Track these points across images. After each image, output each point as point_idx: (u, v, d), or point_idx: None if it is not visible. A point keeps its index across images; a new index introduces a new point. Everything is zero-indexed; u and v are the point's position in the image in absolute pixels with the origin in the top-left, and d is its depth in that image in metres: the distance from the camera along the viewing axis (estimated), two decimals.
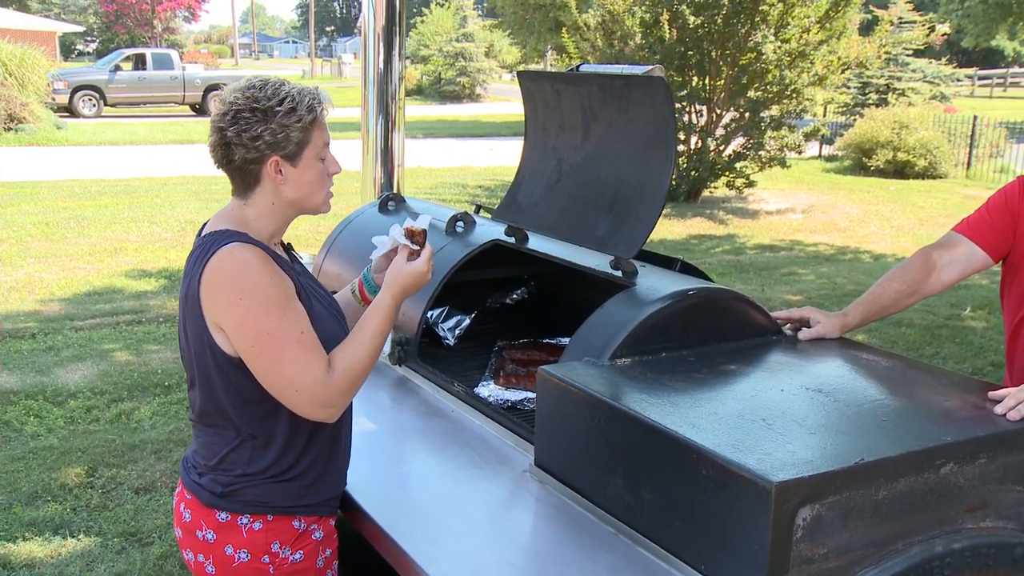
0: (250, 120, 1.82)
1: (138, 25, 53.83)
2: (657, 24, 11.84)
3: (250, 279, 1.78)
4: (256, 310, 1.78)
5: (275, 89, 1.85)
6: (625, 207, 2.61)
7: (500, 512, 2.15)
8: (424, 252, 1.99)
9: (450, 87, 36.06)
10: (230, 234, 1.85)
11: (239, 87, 1.86)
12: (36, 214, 10.84)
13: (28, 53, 21.15)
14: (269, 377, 1.82)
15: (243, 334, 1.79)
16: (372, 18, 3.70)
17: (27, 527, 3.81)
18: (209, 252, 1.82)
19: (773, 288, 8.45)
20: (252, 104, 1.83)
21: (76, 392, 5.36)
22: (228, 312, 1.79)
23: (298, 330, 1.81)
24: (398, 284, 1.95)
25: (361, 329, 1.91)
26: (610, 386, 2.04)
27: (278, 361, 1.79)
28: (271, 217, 1.93)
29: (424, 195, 12.26)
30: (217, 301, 1.80)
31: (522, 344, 3.11)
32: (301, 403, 1.83)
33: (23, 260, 8.60)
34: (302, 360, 1.80)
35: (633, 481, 1.91)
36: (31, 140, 18.12)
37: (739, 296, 2.41)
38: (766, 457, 1.66)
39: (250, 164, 1.86)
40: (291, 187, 1.90)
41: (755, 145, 12.71)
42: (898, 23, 20.42)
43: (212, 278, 1.80)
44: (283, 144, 1.85)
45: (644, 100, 2.55)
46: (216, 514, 1.92)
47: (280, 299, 1.80)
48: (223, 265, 1.80)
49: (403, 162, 3.91)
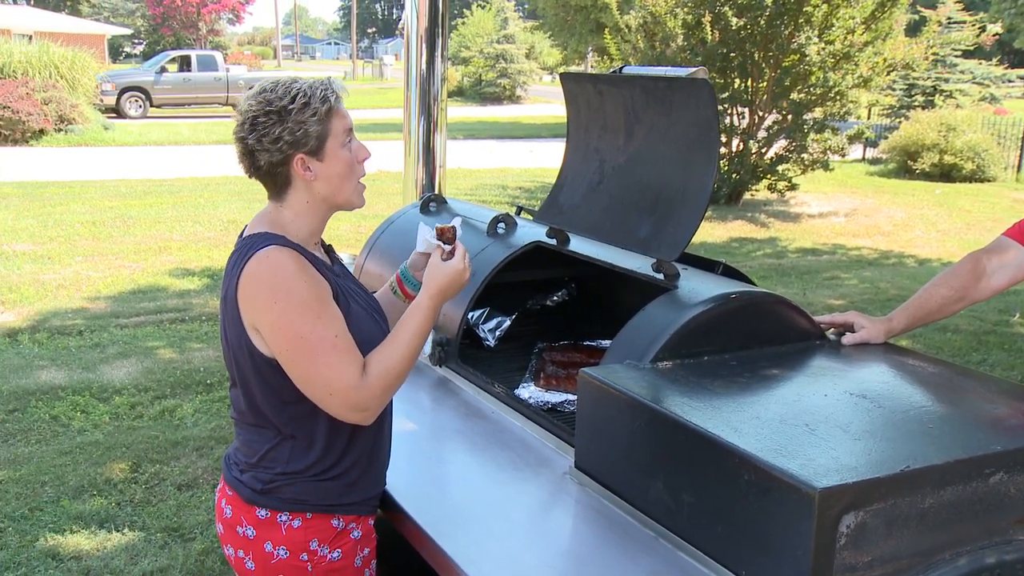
0: (267, 123, 1.83)
1: (184, 27, 54.68)
2: (699, 26, 11.77)
3: (286, 282, 1.80)
4: (291, 313, 1.79)
5: (286, 88, 1.85)
6: (667, 209, 2.60)
7: (540, 514, 2.15)
8: (458, 251, 1.98)
9: (491, 88, 36.15)
10: (267, 236, 1.87)
11: (252, 93, 1.87)
12: (84, 213, 11.05)
13: (78, 56, 21.59)
14: (304, 380, 1.83)
15: (278, 337, 1.81)
16: (415, 20, 3.72)
17: (74, 520, 3.88)
18: (246, 255, 1.84)
19: (815, 292, 8.36)
20: (266, 107, 1.83)
21: (121, 389, 5.45)
22: (264, 315, 1.81)
23: (333, 333, 1.82)
24: (435, 284, 1.94)
25: (398, 331, 1.91)
26: (652, 389, 2.03)
27: (313, 364, 1.80)
28: (308, 216, 1.94)
29: (464, 196, 12.30)
30: (253, 304, 1.82)
31: (562, 346, 3.11)
32: (336, 406, 1.84)
33: (71, 258, 8.76)
34: (337, 363, 1.81)
35: (674, 484, 1.90)
36: (80, 140, 18.47)
37: (782, 300, 2.39)
38: (809, 463, 1.64)
39: (277, 167, 1.87)
40: (322, 182, 1.90)
41: (797, 148, 12.59)
42: (946, 23, 20.10)
43: (248, 281, 1.82)
44: (304, 140, 1.85)
45: (687, 102, 2.54)
46: (256, 511, 1.94)
47: (315, 302, 1.81)
48: (259, 268, 1.81)
49: (444, 163, 3.92)
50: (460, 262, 1.96)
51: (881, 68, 12.14)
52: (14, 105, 17.61)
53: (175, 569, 3.57)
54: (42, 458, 4.49)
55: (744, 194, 13.12)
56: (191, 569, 3.58)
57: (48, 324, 6.70)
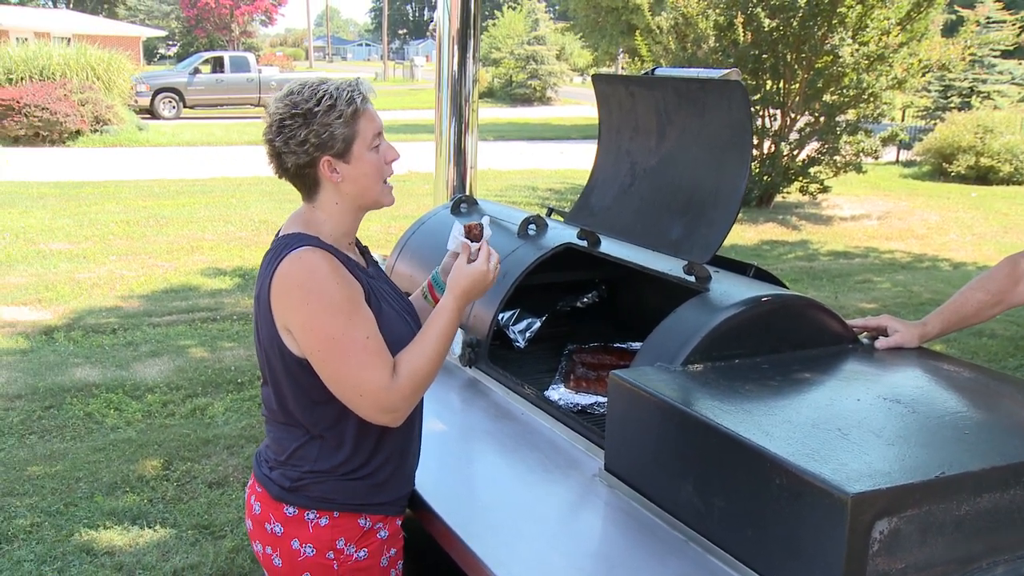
0: (293, 126, 1.84)
1: (217, 29, 55.25)
2: (731, 27, 11.71)
3: (317, 283, 1.81)
4: (322, 314, 1.80)
5: (313, 90, 1.86)
6: (699, 212, 2.59)
7: (569, 516, 2.15)
8: (482, 252, 1.98)
9: (521, 90, 36.16)
10: (301, 237, 1.88)
11: (279, 96, 1.88)
12: (118, 213, 11.18)
13: (114, 58, 21.88)
14: (335, 381, 1.84)
15: (309, 338, 1.82)
16: (447, 21, 3.73)
17: (108, 516, 3.93)
18: (279, 255, 1.85)
19: (847, 296, 8.28)
20: (292, 110, 1.84)
21: (153, 387, 5.51)
22: (295, 315, 1.82)
23: (364, 335, 1.82)
24: (459, 286, 1.94)
25: (424, 333, 1.92)
26: (682, 392, 2.02)
27: (343, 366, 1.81)
28: (339, 217, 1.95)
29: (494, 197, 12.31)
30: (285, 304, 1.83)
31: (593, 348, 3.10)
32: (366, 407, 1.85)
33: (106, 257, 8.88)
34: (367, 365, 1.82)
35: (704, 488, 1.90)
36: (114, 141, 18.70)
37: (814, 303, 2.37)
38: (842, 467, 1.63)
39: (304, 169, 1.88)
40: (349, 183, 1.91)
41: (830, 150, 12.48)
42: (985, 23, 19.84)
43: (281, 281, 1.83)
44: (329, 143, 1.86)
45: (720, 104, 2.53)
46: (284, 508, 1.96)
47: (347, 304, 1.82)
48: (292, 269, 1.82)
49: (475, 164, 3.93)
50: (484, 264, 1.96)
51: (916, 69, 12.01)
52: (52, 106, 17.88)
53: (205, 566, 3.60)
54: (77, 454, 4.55)
55: (775, 196, 13.03)
56: (221, 566, 3.61)
57: (83, 322, 6.79)
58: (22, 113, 17.72)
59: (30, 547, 3.68)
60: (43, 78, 19.81)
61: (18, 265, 8.44)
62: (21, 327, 6.64)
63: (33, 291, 7.59)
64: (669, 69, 2.83)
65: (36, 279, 7.97)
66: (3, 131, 17.97)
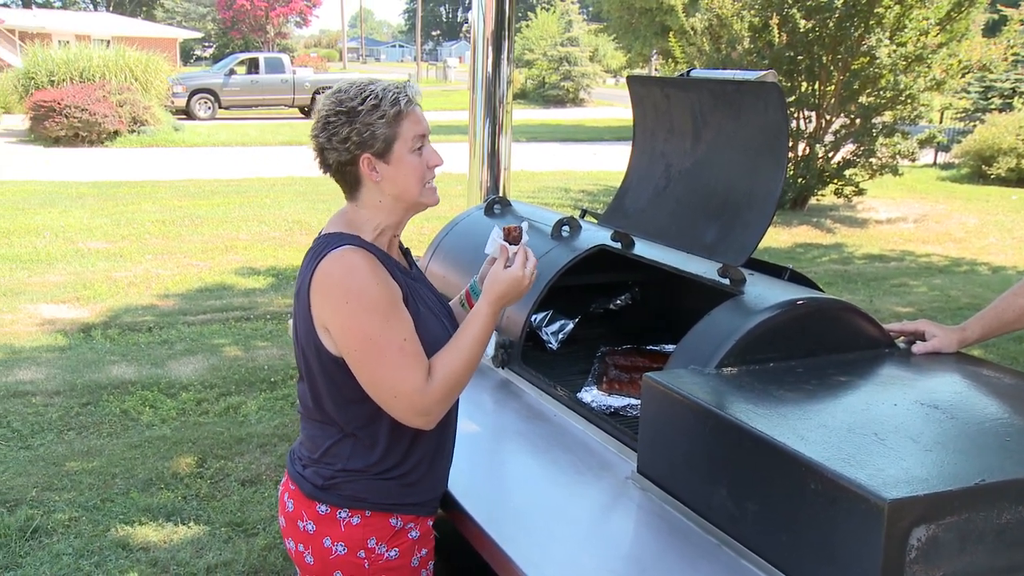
0: (336, 123, 1.86)
1: (252, 30, 55.77)
2: (766, 28, 11.62)
3: (357, 283, 1.82)
4: (360, 314, 1.81)
5: (359, 89, 1.88)
6: (734, 214, 2.57)
7: (601, 518, 2.14)
8: (518, 257, 1.97)
9: (554, 91, 36.14)
10: (343, 237, 1.90)
11: (328, 94, 1.91)
12: (154, 212, 11.32)
13: (152, 59, 22.21)
14: (370, 382, 1.85)
15: (347, 337, 1.83)
16: (481, 23, 3.74)
17: (143, 512, 3.98)
18: (321, 254, 1.87)
19: (882, 299, 8.19)
20: (337, 107, 1.87)
21: (188, 385, 5.57)
22: (334, 314, 1.83)
23: (401, 337, 1.83)
24: (494, 291, 1.94)
25: (459, 337, 1.92)
26: (716, 395, 2.01)
27: (379, 366, 1.82)
28: (381, 216, 1.96)
29: (527, 199, 12.32)
30: (324, 302, 1.84)
31: (625, 350, 3.10)
32: (400, 409, 1.86)
33: (142, 256, 8.99)
34: (403, 367, 1.82)
35: (738, 492, 1.88)
36: (151, 141, 18.94)
37: (850, 307, 2.35)
38: (878, 473, 1.61)
39: (345, 166, 1.90)
40: (389, 183, 1.92)
41: (866, 152, 12.35)
42: None
43: (321, 280, 1.85)
44: (370, 142, 1.87)
45: (756, 106, 2.51)
46: (316, 506, 1.97)
47: (385, 305, 1.83)
48: (332, 268, 1.84)
49: (509, 165, 3.94)
50: (520, 269, 1.95)
51: (956, 70, 11.84)
52: (92, 107, 18.15)
53: (238, 563, 3.63)
54: (113, 451, 4.61)
55: (810, 199, 12.91)
56: (253, 564, 3.64)
57: (119, 320, 6.88)
58: (63, 114, 18.01)
59: (68, 541, 3.74)
60: (83, 80, 20.17)
61: (57, 263, 8.58)
62: (60, 324, 6.74)
63: (72, 289, 7.71)
64: (705, 71, 2.83)
65: (75, 277, 8.09)
66: (44, 132, 18.28)
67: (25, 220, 10.52)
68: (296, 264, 8.75)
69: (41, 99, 18.42)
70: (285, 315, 7.12)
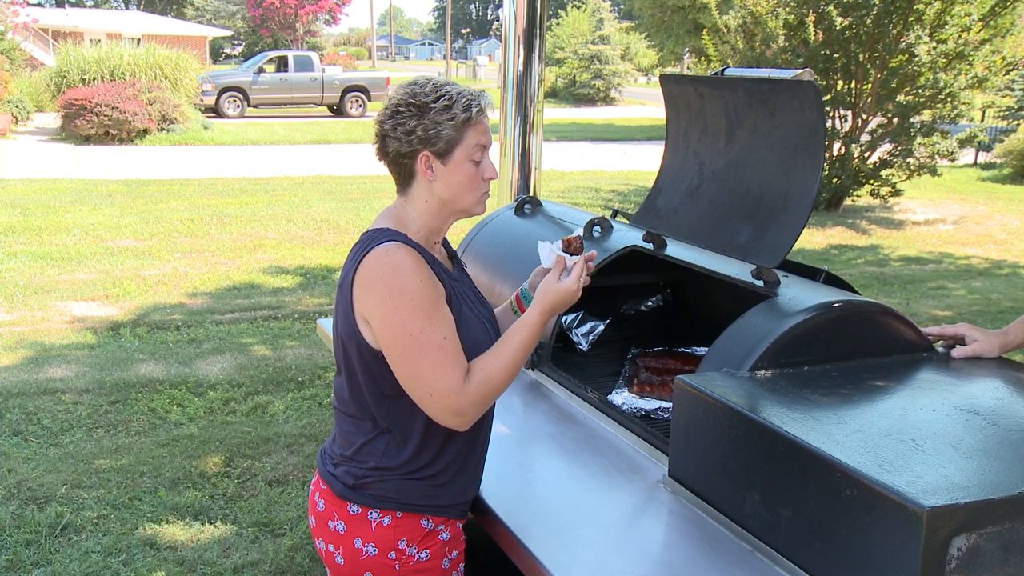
0: (406, 115, 1.89)
1: (281, 28, 56.19)
2: (802, 26, 11.54)
3: (400, 280, 1.84)
4: (402, 310, 1.82)
5: (435, 87, 1.91)
6: (769, 215, 2.56)
7: (632, 522, 2.14)
8: (575, 269, 1.97)
9: (584, 90, 36.10)
10: (389, 233, 1.92)
11: (403, 84, 1.94)
12: (183, 210, 11.44)
13: (182, 57, 22.47)
14: (407, 378, 1.87)
15: (387, 332, 1.85)
16: (512, 20, 3.74)
17: (170, 511, 4.02)
18: (366, 248, 1.89)
19: (919, 303, 8.10)
20: (410, 100, 1.90)
21: (215, 384, 5.62)
22: (376, 309, 1.85)
23: (441, 335, 1.84)
24: (547, 301, 1.94)
25: (504, 343, 1.92)
26: (749, 398, 2.00)
27: (417, 363, 1.84)
28: (427, 215, 1.98)
29: (557, 199, 12.32)
30: (367, 296, 1.86)
31: (657, 352, 3.09)
32: (434, 408, 1.87)
33: (171, 255, 9.08)
34: (441, 365, 1.83)
35: (771, 497, 1.87)
36: (180, 139, 19.15)
37: (887, 310, 2.32)
38: (916, 480, 1.60)
39: (403, 158, 1.93)
40: (441, 184, 1.94)
41: (903, 152, 12.22)
42: None
43: (365, 274, 1.87)
44: (434, 140, 1.90)
45: (792, 105, 2.50)
46: (347, 506, 1.98)
47: (427, 303, 1.84)
48: (377, 262, 1.86)
49: (540, 165, 3.94)
50: (575, 283, 1.95)
51: (999, 67, 11.68)
52: (122, 106, 18.37)
53: (265, 564, 3.66)
54: (141, 449, 4.67)
55: (844, 200, 12.81)
56: (280, 564, 3.67)
57: (148, 319, 6.96)
58: (93, 112, 18.25)
59: (97, 539, 3.79)
60: (114, 78, 20.45)
61: (87, 261, 8.69)
62: (89, 322, 6.83)
63: (101, 287, 7.80)
64: (739, 69, 2.81)
65: (104, 275, 8.19)
66: (75, 130, 18.54)
67: (56, 218, 10.67)
68: (324, 263, 8.82)
69: (72, 97, 18.68)
70: (313, 314, 7.16)
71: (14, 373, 5.73)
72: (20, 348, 6.22)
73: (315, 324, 6.64)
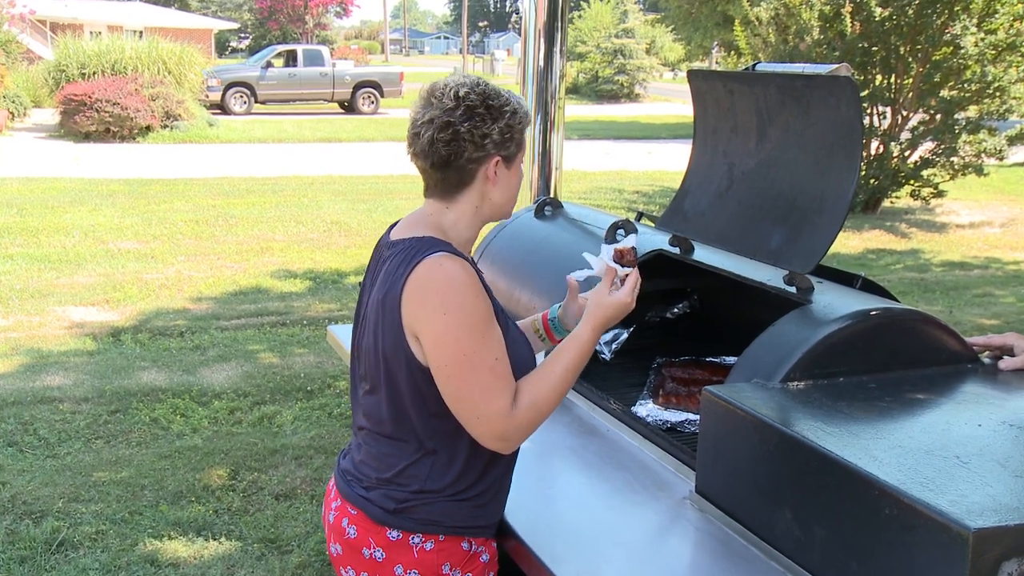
0: (484, 117, 1.89)
1: (290, 21, 56.51)
2: (838, 17, 11.50)
3: (456, 295, 1.82)
4: (457, 328, 1.81)
5: (495, 90, 1.93)
6: (802, 218, 2.55)
7: (657, 541, 2.14)
8: (628, 280, 1.98)
9: (607, 86, 36.08)
10: (435, 242, 1.89)
11: (466, 83, 1.91)
12: (187, 211, 11.52)
13: (186, 51, 22.63)
14: (456, 399, 1.84)
15: (440, 351, 1.82)
16: (533, 13, 3.75)
17: (172, 526, 4.05)
18: (414, 258, 1.86)
19: (963, 311, 8.05)
20: (487, 101, 1.89)
21: (220, 393, 5.65)
22: (429, 325, 1.82)
23: (493, 356, 1.83)
24: (601, 317, 1.94)
25: (555, 362, 1.91)
26: (781, 411, 2.00)
27: (468, 384, 1.82)
28: (469, 223, 1.98)
29: (579, 200, 12.31)
30: (419, 311, 1.83)
31: (683, 362, 3.08)
32: (480, 431, 1.85)
33: (174, 257, 9.15)
34: (492, 388, 1.82)
35: (804, 516, 1.87)
36: (184, 137, 19.29)
37: (928, 318, 2.32)
38: (961, 499, 1.59)
39: (472, 163, 1.91)
40: (500, 190, 1.96)
41: (947, 151, 12.14)
42: None
43: (418, 287, 1.84)
44: (507, 145, 1.92)
45: (827, 102, 2.49)
46: (387, 532, 1.94)
47: (483, 321, 1.83)
48: (432, 275, 1.83)
49: (561, 164, 3.95)
50: (629, 295, 1.95)
51: None
52: (123, 102, 18.53)
53: None
54: (142, 461, 4.70)
55: (883, 201, 12.74)
56: None
57: (150, 324, 7.01)
58: (93, 108, 18.40)
59: (95, 555, 3.81)
60: (115, 72, 20.62)
61: (87, 264, 8.77)
62: (89, 328, 6.89)
63: (101, 291, 7.87)
64: (771, 64, 2.81)
65: (104, 279, 8.26)
66: (74, 127, 18.71)
67: (54, 219, 10.77)
68: (335, 267, 8.86)
69: (72, 92, 18.85)
70: (323, 320, 7.19)
71: (9, 381, 5.79)
72: (16, 355, 6.29)
73: (325, 331, 6.67)
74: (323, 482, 4.42)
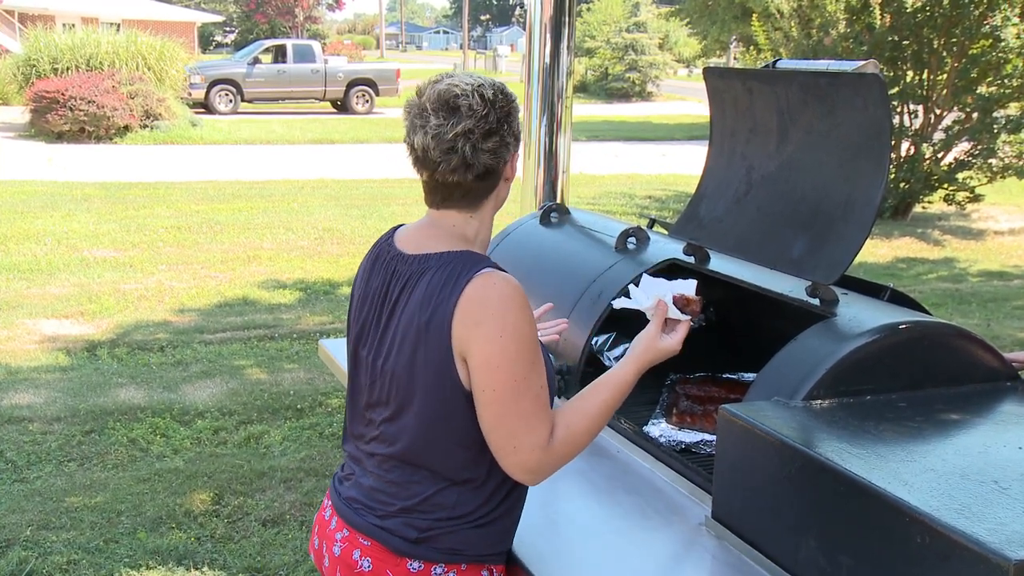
0: (511, 113, 1.92)
1: (279, 14, 56.67)
2: (866, 9, 11.53)
3: (513, 317, 1.82)
4: (512, 351, 1.81)
5: (498, 85, 1.94)
6: (826, 225, 2.56)
7: (671, 570, 2.15)
8: (681, 328, 2.00)
9: (618, 84, 36.16)
10: (478, 257, 1.90)
11: (477, 83, 1.89)
12: (168, 217, 11.56)
13: (167, 46, 22.69)
14: (494, 426, 1.84)
15: (488, 374, 1.81)
16: (538, 6, 3.77)
17: (151, 555, 4.05)
18: (463, 276, 1.85)
19: (1002, 324, 8.05)
20: (505, 95, 1.92)
21: (204, 411, 5.66)
22: (483, 347, 1.81)
23: (540, 384, 1.84)
24: (647, 360, 1.96)
25: (593, 397, 1.92)
26: (804, 431, 2.00)
27: (511, 412, 1.82)
28: (488, 228, 2.01)
29: (587, 205, 12.33)
30: (474, 333, 1.82)
31: (699, 379, 3.09)
32: (511, 461, 1.85)
33: (154, 267, 9.18)
34: (533, 417, 1.82)
35: (829, 544, 1.87)
36: (165, 138, 19.34)
37: (963, 332, 2.32)
38: (1000, 528, 1.59)
39: (500, 165, 1.94)
40: (509, 185, 2.01)
41: (984, 152, 12.15)
42: None
43: (472, 306, 1.83)
44: (518, 139, 1.96)
45: (854, 101, 2.50)
46: (407, 563, 1.93)
47: (535, 345, 1.84)
48: (488, 294, 1.83)
49: (568, 168, 3.95)
50: (678, 345, 1.98)
51: None
52: (99, 99, 18.58)
53: None
54: (119, 485, 4.71)
55: (914, 206, 12.76)
56: None
57: (128, 338, 7.03)
58: (67, 106, 18.45)
59: None
60: (90, 68, 20.67)
61: (60, 274, 8.79)
62: (62, 342, 6.91)
63: (75, 302, 7.89)
64: (793, 61, 2.82)
65: (79, 289, 8.29)
66: (47, 126, 18.75)
67: (24, 225, 10.81)
68: (327, 277, 8.88)
69: (43, 89, 18.89)
70: (314, 334, 7.21)
71: None
72: None
73: (316, 345, 6.68)
74: (314, 507, 4.42)
